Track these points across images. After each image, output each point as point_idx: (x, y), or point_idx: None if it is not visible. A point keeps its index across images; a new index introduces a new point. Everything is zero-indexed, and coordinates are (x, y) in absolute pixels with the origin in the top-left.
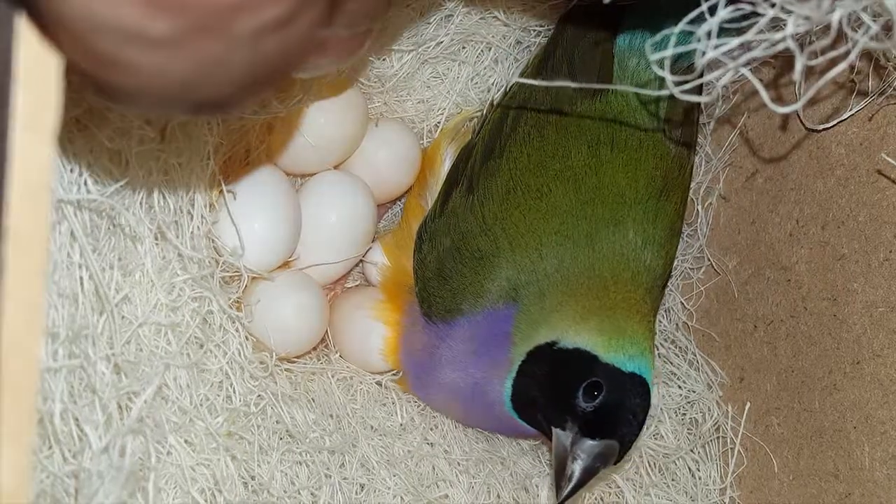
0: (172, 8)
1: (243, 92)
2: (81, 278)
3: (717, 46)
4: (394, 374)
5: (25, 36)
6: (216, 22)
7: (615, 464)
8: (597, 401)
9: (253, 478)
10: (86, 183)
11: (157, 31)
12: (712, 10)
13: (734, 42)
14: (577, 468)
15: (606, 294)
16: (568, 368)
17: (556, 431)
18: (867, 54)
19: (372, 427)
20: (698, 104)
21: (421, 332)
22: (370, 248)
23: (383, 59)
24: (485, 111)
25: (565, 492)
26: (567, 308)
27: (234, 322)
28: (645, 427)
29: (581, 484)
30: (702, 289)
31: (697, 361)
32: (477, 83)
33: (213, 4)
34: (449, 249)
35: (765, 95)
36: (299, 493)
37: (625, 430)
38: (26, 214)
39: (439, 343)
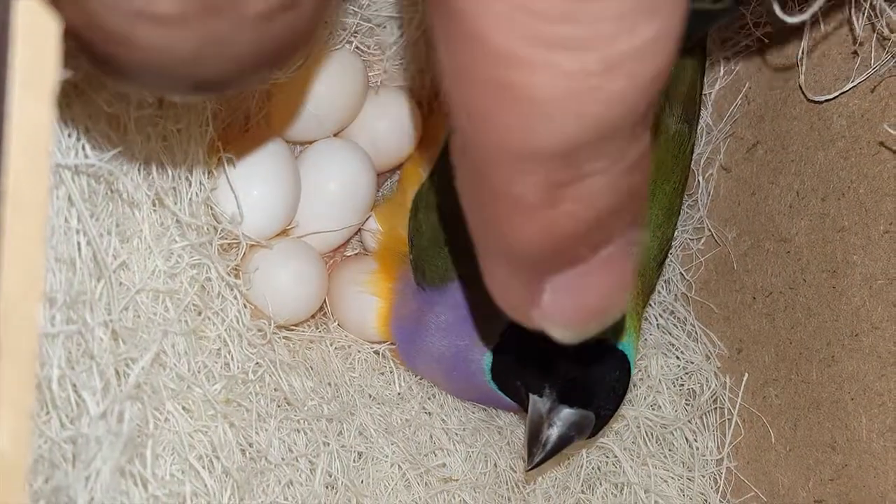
0: None
1: (246, 72)
2: (79, 244)
3: None
4: (391, 344)
5: None
6: (226, 1)
7: (590, 437)
8: (577, 371)
9: (251, 445)
10: (84, 148)
11: (167, 9)
12: None
13: None
14: (552, 434)
15: None
16: (550, 337)
17: (533, 398)
18: (870, 24)
19: (370, 395)
20: (701, 78)
21: (411, 299)
22: (369, 216)
23: (384, 27)
24: None
25: (537, 458)
26: None
27: (232, 289)
28: (643, 399)
29: (554, 451)
30: (701, 259)
31: (696, 332)
32: None
33: None
34: (444, 216)
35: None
36: (297, 461)
37: (602, 403)
38: (25, 178)
39: (428, 310)
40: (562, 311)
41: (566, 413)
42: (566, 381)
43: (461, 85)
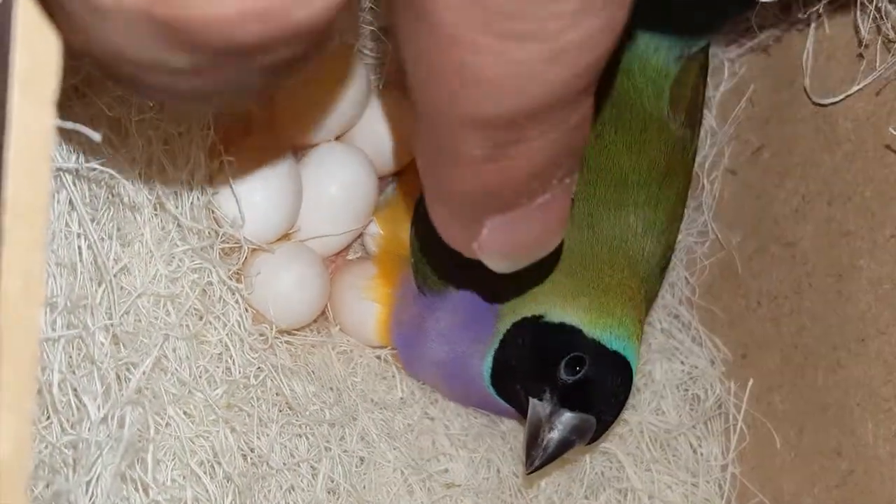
0: (194, 48)
1: (252, 98)
2: (80, 248)
3: None
4: (392, 349)
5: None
6: (234, 58)
7: (591, 442)
8: (579, 375)
9: (252, 450)
10: (84, 151)
11: (177, 63)
12: None
13: None
14: (553, 438)
15: (601, 277)
16: (552, 341)
17: (532, 401)
18: (876, 27)
19: (372, 400)
20: (703, 82)
21: (411, 304)
22: (371, 220)
23: (386, 30)
24: None
25: (537, 462)
26: (558, 285)
27: (233, 294)
28: (647, 404)
29: (555, 456)
30: (706, 263)
31: (700, 337)
32: None
33: (233, 45)
34: None
35: None
36: (299, 466)
37: (603, 408)
38: (25, 182)
39: (428, 315)
40: (498, 246)
41: (567, 417)
42: (567, 386)
43: (416, 60)
